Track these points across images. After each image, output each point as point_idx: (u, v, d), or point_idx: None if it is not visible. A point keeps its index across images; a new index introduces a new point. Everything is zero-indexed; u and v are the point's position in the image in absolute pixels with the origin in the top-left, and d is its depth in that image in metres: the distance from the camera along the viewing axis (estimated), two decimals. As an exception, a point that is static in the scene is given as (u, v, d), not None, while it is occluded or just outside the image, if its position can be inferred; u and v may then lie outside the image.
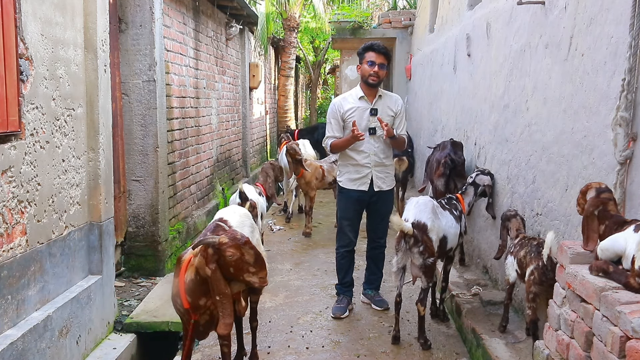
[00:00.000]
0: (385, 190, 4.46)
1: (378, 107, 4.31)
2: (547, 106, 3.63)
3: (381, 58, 4.24)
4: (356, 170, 4.37)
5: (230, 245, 2.73)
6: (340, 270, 4.59)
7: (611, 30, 2.84)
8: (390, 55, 4.43)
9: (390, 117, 4.34)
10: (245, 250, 2.75)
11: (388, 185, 4.48)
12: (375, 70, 4.22)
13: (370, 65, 4.22)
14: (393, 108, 4.37)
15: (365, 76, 4.25)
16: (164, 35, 5.47)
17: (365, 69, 4.25)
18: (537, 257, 3.18)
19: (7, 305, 2.90)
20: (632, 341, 1.86)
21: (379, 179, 4.39)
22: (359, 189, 4.38)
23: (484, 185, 4.44)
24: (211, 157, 7.57)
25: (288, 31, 13.64)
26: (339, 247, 4.57)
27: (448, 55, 6.83)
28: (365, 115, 4.30)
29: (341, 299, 4.54)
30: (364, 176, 4.36)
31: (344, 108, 4.32)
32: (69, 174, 3.54)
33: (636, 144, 2.63)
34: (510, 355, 3.34)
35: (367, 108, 4.30)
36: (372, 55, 4.22)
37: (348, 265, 4.58)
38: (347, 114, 4.30)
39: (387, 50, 4.34)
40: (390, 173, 4.50)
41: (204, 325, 2.98)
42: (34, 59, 3.09)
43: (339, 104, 4.37)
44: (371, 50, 4.23)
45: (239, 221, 3.43)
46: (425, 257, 3.77)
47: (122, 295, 4.66)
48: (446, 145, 5.35)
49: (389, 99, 4.41)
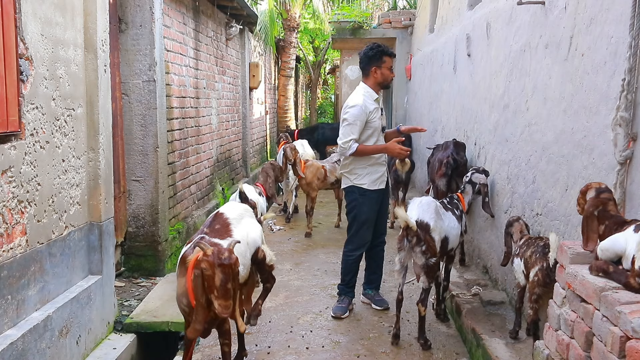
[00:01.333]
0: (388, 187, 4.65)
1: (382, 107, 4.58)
2: (547, 106, 3.63)
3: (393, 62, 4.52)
4: (376, 170, 4.46)
5: (207, 261, 2.68)
6: (348, 273, 4.57)
7: (611, 30, 2.84)
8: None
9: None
10: (218, 271, 2.66)
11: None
12: (393, 75, 4.52)
13: (391, 71, 4.46)
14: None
15: (388, 81, 4.48)
16: (164, 35, 5.47)
17: (385, 73, 4.43)
18: (542, 258, 3.17)
19: (7, 305, 2.90)
20: (632, 341, 1.86)
21: (386, 176, 4.57)
22: (379, 187, 4.48)
23: (479, 184, 4.50)
24: (211, 157, 7.57)
25: (288, 31, 13.64)
26: (355, 249, 4.52)
27: (448, 55, 6.83)
28: (379, 115, 4.48)
29: (342, 299, 4.54)
30: (382, 174, 4.50)
31: (369, 109, 4.38)
32: (69, 174, 3.54)
33: (636, 144, 2.63)
34: (510, 355, 3.34)
35: (380, 108, 4.50)
36: (389, 61, 4.43)
37: (357, 267, 4.60)
38: (371, 116, 4.39)
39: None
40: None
41: (209, 321, 2.96)
42: (34, 59, 3.09)
43: (363, 105, 4.33)
44: (388, 55, 4.42)
45: (238, 214, 3.41)
46: (428, 257, 3.77)
47: (122, 295, 4.66)
48: (448, 146, 5.36)
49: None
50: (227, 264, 2.67)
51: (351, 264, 4.55)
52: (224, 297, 2.65)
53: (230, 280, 2.67)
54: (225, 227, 3.26)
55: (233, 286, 2.70)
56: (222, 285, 2.65)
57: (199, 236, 3.14)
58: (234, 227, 3.30)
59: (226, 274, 2.66)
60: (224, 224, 3.29)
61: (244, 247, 3.29)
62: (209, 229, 3.22)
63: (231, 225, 3.29)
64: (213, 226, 3.26)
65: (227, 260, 2.68)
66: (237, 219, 3.36)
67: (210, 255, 2.68)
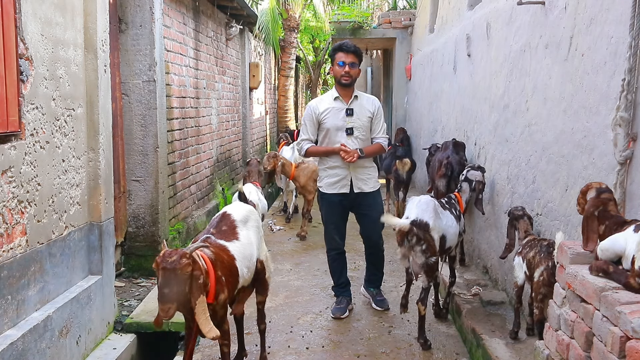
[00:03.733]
0: (368, 193, 4.35)
1: (354, 107, 4.26)
2: (547, 106, 3.63)
3: (351, 57, 4.20)
4: (335, 173, 4.30)
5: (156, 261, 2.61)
6: (334, 273, 4.57)
7: (611, 30, 2.84)
8: (361, 53, 4.37)
9: (367, 117, 4.29)
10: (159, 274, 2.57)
11: (370, 186, 4.36)
12: (347, 70, 4.18)
13: (340, 66, 4.19)
14: (370, 109, 4.31)
15: (338, 77, 4.23)
16: (164, 36, 5.47)
17: (336, 70, 4.22)
18: (547, 258, 3.16)
19: (7, 305, 2.90)
20: (632, 341, 1.86)
21: (359, 181, 4.31)
22: (339, 192, 4.31)
23: (476, 181, 4.51)
24: (211, 157, 7.57)
25: (288, 31, 13.63)
26: (329, 249, 4.55)
27: (448, 55, 6.83)
28: (341, 115, 4.24)
29: (340, 300, 4.53)
30: (343, 178, 4.29)
31: (319, 109, 4.28)
32: (69, 174, 3.54)
33: (636, 144, 2.63)
34: (510, 355, 3.34)
35: (343, 108, 4.25)
36: (341, 55, 4.19)
37: (341, 267, 4.56)
38: (322, 116, 4.26)
39: (357, 48, 4.27)
40: (372, 174, 4.39)
41: None
42: (34, 59, 3.09)
43: (314, 105, 4.34)
44: (340, 50, 4.21)
45: (243, 215, 3.40)
46: (428, 256, 3.77)
47: (122, 295, 4.66)
48: (448, 146, 5.35)
49: (365, 100, 4.36)
50: (169, 267, 2.55)
51: (331, 264, 4.57)
52: (161, 301, 2.55)
53: (168, 285, 2.54)
54: (232, 230, 3.26)
55: (176, 291, 2.57)
56: (159, 288, 2.58)
57: (204, 236, 3.15)
58: (240, 230, 3.30)
59: (165, 277, 2.55)
60: (231, 226, 3.28)
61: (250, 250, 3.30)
62: (215, 230, 3.22)
63: (237, 228, 3.29)
64: (220, 227, 3.24)
65: (170, 265, 2.56)
66: (243, 222, 3.36)
67: (161, 257, 2.61)
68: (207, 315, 2.68)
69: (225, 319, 3.06)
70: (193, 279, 2.64)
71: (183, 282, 2.60)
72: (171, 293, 2.55)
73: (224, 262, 3.02)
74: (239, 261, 3.15)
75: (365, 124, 4.28)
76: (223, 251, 3.08)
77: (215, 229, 3.22)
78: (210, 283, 2.83)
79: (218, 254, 3.00)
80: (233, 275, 3.09)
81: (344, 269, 4.58)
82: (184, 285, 2.61)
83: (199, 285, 2.67)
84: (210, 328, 2.67)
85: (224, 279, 2.95)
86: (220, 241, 3.11)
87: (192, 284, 2.64)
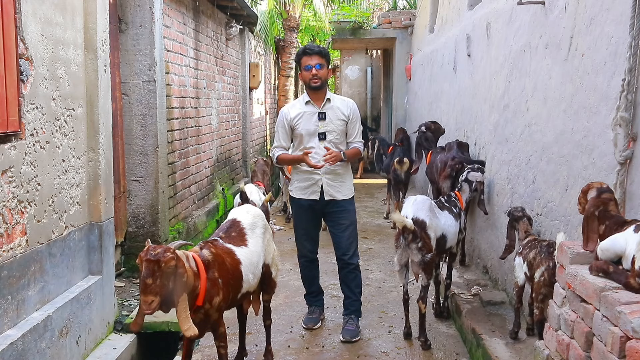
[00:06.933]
0: (341, 200, 4.12)
1: (327, 111, 4.06)
2: (547, 106, 3.63)
3: (316, 59, 4.03)
4: (305, 178, 4.11)
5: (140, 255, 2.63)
6: (305, 281, 4.38)
7: (611, 30, 2.84)
8: (327, 52, 4.19)
9: (341, 121, 4.06)
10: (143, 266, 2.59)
11: (343, 194, 4.12)
12: (314, 72, 4.01)
13: (307, 70, 4.03)
14: (345, 112, 4.08)
15: (307, 81, 4.04)
16: (164, 36, 5.47)
17: (304, 74, 4.06)
18: (548, 258, 3.16)
19: (7, 305, 2.90)
20: (632, 341, 1.86)
21: (330, 187, 4.07)
22: (309, 197, 4.12)
23: (476, 181, 4.56)
24: (211, 157, 7.57)
25: (288, 31, 13.62)
26: (299, 256, 4.36)
27: (448, 55, 6.83)
28: (313, 120, 4.04)
29: (313, 310, 4.34)
30: (314, 184, 4.08)
31: (290, 115, 4.08)
32: (69, 174, 3.54)
33: (636, 144, 2.63)
34: (510, 355, 3.34)
35: (315, 112, 4.05)
36: (306, 59, 4.04)
37: (312, 275, 4.35)
38: (294, 121, 4.07)
39: (322, 48, 4.11)
40: (345, 182, 4.14)
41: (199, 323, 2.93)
42: (34, 59, 3.09)
43: (286, 111, 4.15)
44: (304, 55, 4.06)
45: (251, 222, 3.42)
46: (424, 254, 3.79)
47: (122, 295, 4.66)
48: (452, 147, 5.32)
49: (340, 103, 4.12)
50: (152, 259, 2.58)
51: (302, 271, 4.39)
52: (144, 292, 2.57)
53: (151, 276, 2.56)
54: (241, 237, 3.30)
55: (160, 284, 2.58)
56: (142, 280, 2.59)
57: (211, 238, 3.20)
58: (249, 237, 3.34)
59: (149, 269, 2.57)
60: (240, 232, 3.32)
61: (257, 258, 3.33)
62: (224, 234, 3.27)
63: (247, 235, 3.34)
64: (229, 233, 3.29)
65: (154, 257, 2.58)
66: (251, 228, 3.39)
67: (145, 251, 2.64)
68: (188, 314, 2.70)
69: (220, 322, 3.06)
70: (177, 276, 2.66)
71: (166, 275, 2.61)
72: (154, 285, 2.57)
73: (225, 265, 3.02)
74: (245, 266, 3.18)
75: (339, 128, 4.06)
76: (228, 254, 3.09)
77: (225, 233, 3.28)
78: (201, 285, 2.82)
79: (219, 256, 3.01)
80: (235, 279, 3.10)
81: (315, 277, 4.37)
82: (167, 279, 2.62)
83: (182, 282, 2.69)
84: (189, 327, 2.68)
85: (221, 282, 2.94)
86: (227, 245, 3.15)
87: (176, 280, 2.66)
